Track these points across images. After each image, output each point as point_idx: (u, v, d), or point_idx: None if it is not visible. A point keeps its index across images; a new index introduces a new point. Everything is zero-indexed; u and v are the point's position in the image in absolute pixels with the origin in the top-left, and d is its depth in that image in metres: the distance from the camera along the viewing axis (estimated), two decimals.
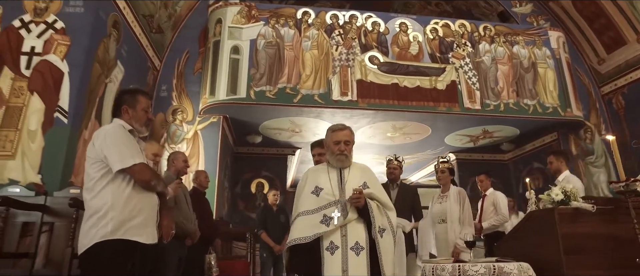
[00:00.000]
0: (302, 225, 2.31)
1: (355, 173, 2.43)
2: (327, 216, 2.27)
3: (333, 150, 2.44)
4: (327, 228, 2.23)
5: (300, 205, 2.40)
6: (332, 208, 2.28)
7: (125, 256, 2.32)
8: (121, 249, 2.29)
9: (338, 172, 2.43)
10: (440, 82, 6.30)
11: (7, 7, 4.25)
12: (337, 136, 2.45)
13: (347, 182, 2.38)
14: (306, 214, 2.33)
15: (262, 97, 5.99)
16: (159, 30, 6.12)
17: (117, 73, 4.98)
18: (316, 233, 2.23)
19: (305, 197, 2.41)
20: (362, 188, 2.29)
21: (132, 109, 2.46)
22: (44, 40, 4.18)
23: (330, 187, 2.37)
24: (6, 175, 3.81)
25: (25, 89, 4.02)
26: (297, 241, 2.26)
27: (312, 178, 2.46)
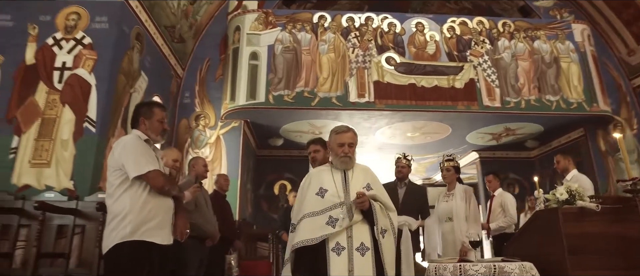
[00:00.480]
0: (308, 226, 2.33)
1: (359, 175, 2.47)
2: (332, 218, 2.30)
3: (337, 152, 2.46)
4: (334, 230, 2.27)
5: (304, 207, 2.41)
6: (337, 210, 2.31)
7: (143, 255, 2.50)
8: (139, 249, 2.47)
9: (342, 174, 2.45)
10: (458, 80, 6.26)
11: (42, 27, 4.58)
12: (341, 138, 2.47)
13: (351, 184, 2.41)
14: (312, 216, 2.35)
15: (281, 101, 6.14)
16: (180, 40, 6.39)
17: (141, 83, 5.25)
18: (323, 235, 2.26)
19: (309, 199, 2.42)
20: (365, 189, 2.34)
21: (148, 120, 2.66)
22: (74, 55, 4.48)
23: (335, 189, 2.39)
24: (43, 181, 4.11)
25: (58, 102, 4.32)
26: (304, 243, 2.28)
27: (316, 180, 2.48)
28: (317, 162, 3.08)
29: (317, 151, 3.12)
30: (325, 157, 3.09)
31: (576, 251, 2.41)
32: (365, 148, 8.05)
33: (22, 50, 4.46)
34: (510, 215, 4.22)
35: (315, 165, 3.11)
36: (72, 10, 4.63)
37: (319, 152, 3.10)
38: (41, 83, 4.38)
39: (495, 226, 4.25)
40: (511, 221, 4.23)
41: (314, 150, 3.14)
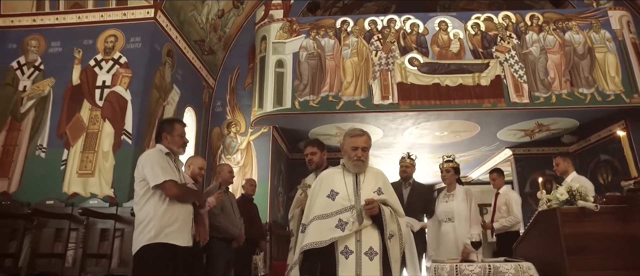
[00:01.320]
0: (318, 229, 2.32)
1: (370, 179, 2.45)
2: (342, 221, 2.29)
3: (350, 155, 2.45)
4: (343, 233, 2.26)
5: (315, 209, 2.40)
6: (347, 213, 2.29)
7: (166, 255, 2.81)
8: (162, 250, 2.79)
9: (354, 177, 2.44)
10: (484, 78, 6.17)
11: (85, 50, 5.07)
12: (356, 142, 2.45)
13: (362, 187, 2.39)
14: (321, 218, 2.33)
15: (306, 106, 6.33)
16: (210, 52, 6.76)
17: (173, 95, 5.64)
18: (332, 238, 2.26)
19: (320, 201, 2.40)
20: (376, 193, 2.35)
21: (170, 135, 3.00)
22: (112, 74, 4.93)
23: (346, 192, 2.37)
24: (88, 189, 4.57)
25: (99, 117, 4.78)
26: (312, 245, 2.27)
27: (327, 182, 2.45)
28: (314, 164, 3.11)
29: (314, 153, 3.14)
30: (322, 159, 3.14)
31: (575, 251, 2.41)
32: (395, 149, 8.08)
33: (70, 72, 4.97)
34: (514, 213, 4.15)
35: (312, 167, 3.16)
36: (110, 33, 5.09)
37: (316, 154, 3.13)
38: (85, 101, 4.85)
39: (499, 225, 4.19)
40: (515, 220, 4.16)
41: (310, 153, 3.15)
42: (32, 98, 4.91)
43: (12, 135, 4.81)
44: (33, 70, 5.02)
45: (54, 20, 5.14)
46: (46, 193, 4.51)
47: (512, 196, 4.35)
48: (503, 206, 4.29)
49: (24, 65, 5.05)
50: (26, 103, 4.89)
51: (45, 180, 4.59)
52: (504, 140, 7.46)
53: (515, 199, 4.31)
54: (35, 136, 4.77)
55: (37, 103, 4.89)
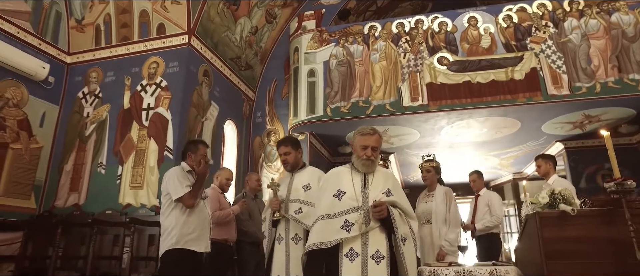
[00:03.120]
0: (323, 229, 2.24)
1: (379, 179, 2.36)
2: (348, 222, 2.20)
3: (359, 154, 2.37)
4: (348, 235, 2.17)
5: (321, 208, 2.32)
6: (354, 214, 2.20)
7: (185, 260, 3.23)
8: (182, 255, 3.22)
9: (362, 177, 2.35)
10: (518, 71, 5.93)
11: (133, 77, 5.75)
12: (366, 141, 2.37)
13: (370, 188, 2.31)
14: (327, 218, 2.25)
15: (338, 112, 6.54)
16: (247, 67, 7.24)
17: (212, 111, 6.16)
18: (337, 239, 2.17)
19: (326, 200, 2.32)
20: (385, 194, 2.26)
21: (193, 154, 3.46)
22: (155, 97, 5.54)
23: (354, 192, 2.28)
24: (139, 200, 5.20)
25: (146, 136, 5.41)
26: (316, 246, 2.19)
27: (335, 181, 2.38)
28: (289, 165, 3.05)
29: (288, 153, 3.05)
30: (298, 159, 3.07)
31: (554, 256, 2.38)
32: (435, 149, 7.97)
33: (121, 98, 5.68)
34: (496, 214, 4.00)
35: (287, 168, 3.09)
36: (152, 60, 5.72)
37: (290, 154, 3.05)
38: (134, 122, 5.52)
39: (481, 226, 4.07)
40: (497, 220, 4.01)
41: (284, 153, 3.07)
42: (94, 122, 5.69)
43: (80, 155, 5.62)
44: (94, 98, 5.81)
45: (108, 53, 5.90)
46: (106, 204, 5.22)
47: (494, 196, 4.23)
48: (485, 207, 4.18)
49: (87, 95, 5.86)
50: (89, 127, 5.68)
51: (105, 193, 5.30)
52: (551, 133, 7.05)
53: (497, 199, 4.19)
54: (96, 155, 5.53)
55: (98, 126, 5.65)
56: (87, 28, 5.95)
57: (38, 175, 5.49)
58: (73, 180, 5.51)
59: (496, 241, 4.23)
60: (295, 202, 2.89)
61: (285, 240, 2.81)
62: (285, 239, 2.82)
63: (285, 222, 2.87)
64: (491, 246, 3.94)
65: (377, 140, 2.39)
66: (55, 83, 5.75)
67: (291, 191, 2.98)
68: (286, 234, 2.81)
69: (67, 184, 5.50)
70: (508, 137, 7.24)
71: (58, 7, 5.88)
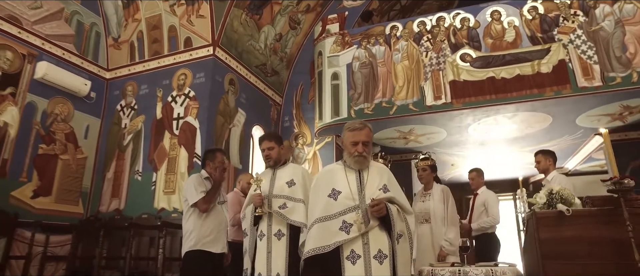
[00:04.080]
0: (320, 232, 2.13)
1: (375, 175, 2.26)
2: (346, 223, 2.09)
3: (350, 151, 2.28)
4: (348, 236, 2.06)
5: (315, 210, 2.23)
6: (352, 214, 2.10)
7: (203, 260, 3.48)
8: (201, 256, 3.47)
9: (357, 174, 2.26)
10: (545, 64, 5.71)
11: (164, 89, 6.14)
12: (356, 136, 2.26)
13: (367, 185, 2.21)
14: (324, 220, 2.13)
15: (361, 114, 6.59)
16: (273, 73, 7.46)
17: (239, 118, 6.44)
18: (336, 242, 2.07)
19: (321, 201, 2.22)
20: (382, 190, 2.17)
21: (212, 162, 3.72)
22: (184, 107, 5.88)
23: (350, 190, 2.18)
24: (172, 205, 5.56)
25: (177, 144, 5.76)
26: (316, 251, 2.08)
27: (328, 181, 2.28)
28: (272, 160, 3.00)
29: (271, 148, 3.01)
30: (280, 154, 3.03)
31: (552, 256, 2.36)
32: (466, 146, 7.84)
33: (154, 109, 6.08)
34: (492, 214, 3.85)
35: (270, 163, 3.01)
36: (181, 72, 6.08)
37: (273, 149, 3.00)
38: (166, 131, 5.89)
39: (477, 226, 3.93)
40: (493, 221, 3.85)
41: (267, 148, 3.01)
42: (131, 133, 6.13)
43: (119, 163, 6.07)
44: (130, 110, 6.26)
45: (142, 67, 6.34)
46: (142, 208, 5.62)
47: (490, 196, 4.08)
48: (481, 206, 4.04)
49: (124, 107, 6.32)
50: (127, 138, 6.13)
51: (142, 198, 5.71)
52: (587, 126, 6.70)
53: (494, 199, 4.04)
54: (133, 163, 5.95)
55: (134, 136, 6.09)
56: (123, 45, 6.42)
57: (84, 182, 6.00)
58: (114, 187, 5.97)
59: (495, 241, 4.10)
60: (279, 198, 2.83)
61: (268, 236, 2.75)
62: (267, 235, 2.76)
63: (267, 218, 2.81)
64: (490, 246, 3.84)
65: (368, 134, 2.29)
66: (96, 98, 6.26)
67: (274, 186, 2.91)
68: (268, 230, 2.76)
69: (109, 190, 5.97)
70: (541, 131, 6.97)
71: (97, 28, 6.40)
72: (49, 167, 5.59)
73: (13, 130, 5.25)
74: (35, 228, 5.24)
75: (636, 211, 2.26)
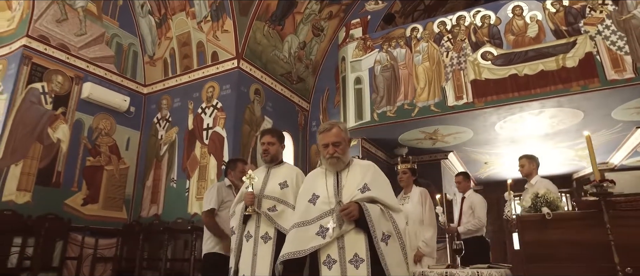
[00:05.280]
0: (298, 237, 2.12)
1: (355, 175, 2.19)
2: (323, 227, 2.06)
3: (323, 154, 2.26)
4: (323, 241, 2.04)
5: (296, 216, 2.24)
6: (328, 218, 2.08)
7: (218, 262, 3.78)
8: (216, 258, 3.77)
9: (335, 177, 2.22)
10: (570, 58, 5.51)
11: (195, 101, 6.57)
12: (324, 138, 2.24)
13: (344, 187, 2.16)
14: (301, 225, 2.13)
15: (384, 117, 6.68)
16: (299, 80, 7.71)
17: (265, 125, 6.74)
18: (312, 247, 2.05)
19: (301, 206, 2.24)
20: (361, 191, 2.10)
21: (233, 172, 4.04)
22: (213, 117, 6.27)
23: (327, 194, 2.16)
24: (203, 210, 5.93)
25: (207, 153, 6.15)
26: (290, 255, 2.07)
27: (310, 185, 2.28)
28: (270, 155, 2.91)
29: (272, 143, 2.91)
30: (279, 152, 2.97)
31: (535, 259, 2.40)
32: (497, 144, 7.67)
33: (186, 121, 6.52)
34: (478, 217, 3.77)
35: (266, 159, 2.92)
36: (209, 85, 6.48)
37: (274, 145, 2.91)
38: (197, 141, 6.31)
39: (464, 229, 3.87)
40: (480, 224, 3.78)
41: (268, 142, 2.91)
42: (166, 143, 6.61)
43: (157, 172, 6.57)
44: (165, 122, 6.75)
45: (175, 82, 6.81)
46: (177, 213, 6.06)
47: (477, 199, 4.02)
48: (469, 209, 3.99)
49: (160, 120, 6.83)
50: (163, 148, 6.62)
51: (177, 204, 6.15)
52: (627, 120, 6.36)
53: (480, 202, 3.98)
54: (169, 172, 6.43)
55: (169, 147, 6.57)
56: (157, 62, 6.94)
57: (127, 190, 6.56)
58: (153, 194, 6.48)
59: (484, 244, 4.04)
60: (270, 199, 2.75)
61: (254, 238, 2.64)
62: (254, 237, 2.64)
63: (256, 219, 2.69)
64: (480, 249, 3.79)
65: (337, 134, 2.22)
66: (135, 112, 6.82)
67: (266, 186, 2.82)
68: (256, 232, 2.65)
69: (149, 197, 6.48)
70: (574, 127, 6.69)
71: (135, 47, 6.96)
72: (95, 177, 6.18)
73: (65, 145, 5.87)
74: (85, 232, 5.83)
75: (619, 214, 2.25)
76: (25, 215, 5.29)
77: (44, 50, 5.79)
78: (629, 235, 2.22)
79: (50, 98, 5.76)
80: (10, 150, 5.29)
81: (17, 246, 5.15)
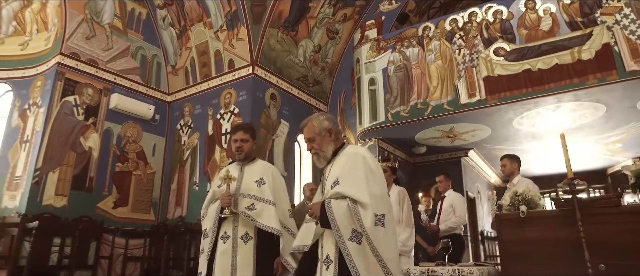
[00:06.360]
0: (302, 231, 2.19)
1: (336, 168, 2.12)
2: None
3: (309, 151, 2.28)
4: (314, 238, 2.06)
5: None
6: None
7: None
8: None
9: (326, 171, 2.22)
10: (586, 50, 5.34)
11: (214, 108, 6.87)
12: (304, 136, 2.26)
13: (327, 182, 2.14)
14: (309, 220, 2.13)
15: (398, 117, 6.72)
16: (315, 83, 7.87)
17: (282, 128, 6.95)
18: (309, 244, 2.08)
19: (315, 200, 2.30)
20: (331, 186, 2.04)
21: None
22: (230, 122, 6.54)
23: (321, 189, 2.20)
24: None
25: (226, 157, 6.43)
26: (297, 249, 2.17)
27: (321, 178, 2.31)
28: (243, 152, 2.83)
29: (245, 141, 2.83)
30: (252, 149, 2.89)
31: (513, 257, 2.44)
32: (518, 140, 7.50)
33: (206, 127, 6.84)
34: (459, 215, 3.72)
35: (240, 156, 2.84)
36: (227, 91, 6.76)
37: (247, 142, 2.84)
38: (216, 146, 6.61)
39: (445, 227, 3.83)
40: (460, 221, 3.73)
41: (241, 139, 2.84)
42: (188, 148, 6.97)
43: (181, 176, 6.94)
44: (187, 128, 7.11)
45: (195, 90, 7.16)
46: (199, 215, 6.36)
47: (457, 198, 4.01)
48: (449, 208, 3.96)
49: (183, 126, 7.20)
50: (186, 153, 6.98)
51: (199, 206, 6.41)
52: None
53: (460, 201, 3.97)
54: (192, 175, 6.77)
55: (191, 152, 6.91)
56: (179, 71, 7.31)
57: (154, 194, 6.96)
58: (177, 196, 6.84)
59: (461, 242, 3.99)
60: (247, 197, 2.67)
61: (233, 238, 2.54)
62: (232, 238, 2.54)
63: (233, 219, 2.61)
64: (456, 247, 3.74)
65: (309, 130, 2.21)
66: (160, 120, 7.22)
67: (242, 184, 2.74)
68: (234, 232, 2.54)
69: (174, 200, 6.85)
70: (598, 120, 6.45)
71: (158, 58, 7.38)
72: (124, 181, 6.62)
73: (96, 152, 6.33)
74: (116, 233, 6.26)
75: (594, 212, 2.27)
76: (62, 217, 5.76)
77: (76, 65, 6.27)
78: (603, 232, 2.23)
79: (81, 109, 6.23)
80: (48, 159, 5.78)
81: (56, 246, 5.62)
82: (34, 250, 5.28)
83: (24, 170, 5.76)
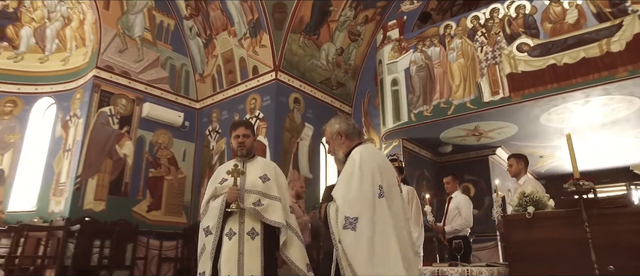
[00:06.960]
0: None
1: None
2: None
3: None
4: None
5: None
6: None
7: None
8: None
9: None
10: (615, 42, 5.14)
11: (240, 113, 7.10)
12: None
13: None
14: None
15: (421, 116, 6.70)
16: (339, 86, 7.95)
17: (306, 131, 7.08)
18: None
19: None
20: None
21: None
22: (256, 127, 6.74)
23: None
24: None
25: None
26: None
27: None
28: (245, 148, 2.88)
29: (248, 136, 2.91)
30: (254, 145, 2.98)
31: (521, 258, 2.45)
32: (548, 137, 7.29)
33: None
34: (464, 217, 3.62)
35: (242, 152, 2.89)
36: (252, 97, 6.97)
37: (249, 138, 2.92)
38: None
39: (450, 229, 3.74)
40: (466, 223, 3.64)
41: (243, 134, 2.89)
42: (217, 153, 7.23)
43: None
44: (216, 134, 7.38)
45: (222, 96, 7.42)
46: None
47: (463, 199, 3.90)
48: (455, 209, 3.88)
49: (211, 132, 7.48)
50: (214, 157, 7.25)
51: None
52: None
53: (466, 202, 3.87)
54: None
55: (219, 156, 7.17)
56: (207, 78, 7.60)
57: (185, 197, 7.27)
58: None
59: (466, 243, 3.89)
60: (253, 193, 2.69)
61: (239, 235, 2.52)
62: (238, 234, 2.53)
63: (239, 215, 2.58)
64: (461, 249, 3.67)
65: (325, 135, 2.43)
66: (189, 126, 7.53)
67: (247, 181, 2.76)
68: (240, 228, 2.53)
69: None
70: (635, 114, 6.17)
71: (186, 67, 7.70)
72: (157, 186, 6.96)
73: (130, 159, 6.70)
74: (150, 235, 6.60)
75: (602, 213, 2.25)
76: (101, 220, 6.14)
77: (110, 78, 6.67)
78: (612, 233, 2.20)
79: (116, 119, 6.61)
80: (87, 166, 6.18)
81: (96, 248, 6.00)
82: (77, 251, 5.67)
83: (67, 177, 6.19)
